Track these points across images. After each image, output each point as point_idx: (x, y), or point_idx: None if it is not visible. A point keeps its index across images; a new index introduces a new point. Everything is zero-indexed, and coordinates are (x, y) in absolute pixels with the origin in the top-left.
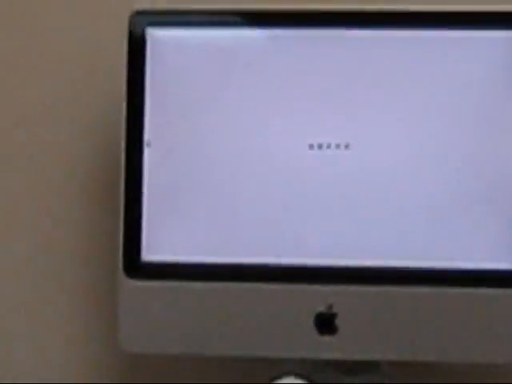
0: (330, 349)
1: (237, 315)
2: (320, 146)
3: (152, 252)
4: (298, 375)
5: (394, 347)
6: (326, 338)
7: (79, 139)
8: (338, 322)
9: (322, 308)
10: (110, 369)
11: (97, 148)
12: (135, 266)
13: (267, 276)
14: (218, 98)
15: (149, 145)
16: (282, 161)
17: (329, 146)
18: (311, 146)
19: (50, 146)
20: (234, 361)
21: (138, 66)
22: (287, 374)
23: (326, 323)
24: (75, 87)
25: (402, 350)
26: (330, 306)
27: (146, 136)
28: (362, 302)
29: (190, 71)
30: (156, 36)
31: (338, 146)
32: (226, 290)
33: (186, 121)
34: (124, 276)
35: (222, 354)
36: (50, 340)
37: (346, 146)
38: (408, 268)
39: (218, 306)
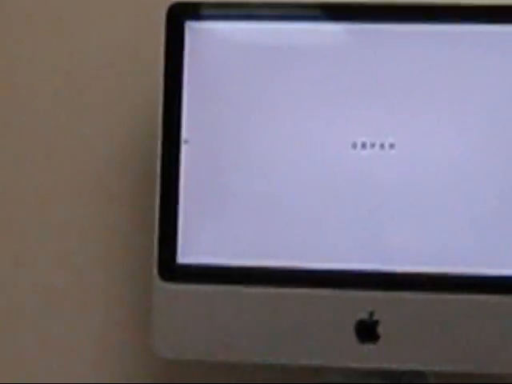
0: (371, 358)
1: (274, 321)
2: (364, 145)
3: (187, 254)
4: None
5: (438, 357)
6: (367, 347)
7: (115, 137)
8: (380, 329)
9: (363, 315)
10: (144, 375)
11: (133, 145)
12: (170, 269)
13: (305, 281)
14: (258, 94)
15: (186, 142)
16: (324, 160)
17: (373, 146)
18: (354, 145)
19: (85, 144)
20: (271, 369)
21: (176, 60)
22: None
23: (367, 331)
24: (111, 83)
25: (447, 359)
26: (372, 313)
27: (184, 133)
28: (404, 309)
29: (229, 66)
30: (195, 29)
31: (382, 145)
32: (264, 294)
33: (225, 118)
34: (159, 279)
35: (259, 361)
36: (85, 344)
37: (391, 146)
38: (452, 275)
39: (255, 311)
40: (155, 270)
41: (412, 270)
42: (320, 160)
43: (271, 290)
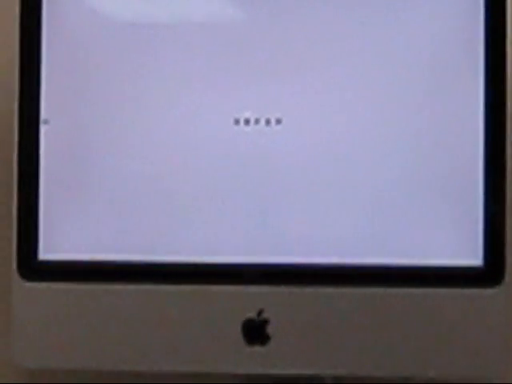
0: (260, 361)
1: (148, 322)
2: (247, 122)
3: (50, 250)
4: None
5: (335, 359)
6: (256, 349)
7: None
8: (270, 329)
9: (250, 313)
10: None
11: None
12: (31, 266)
13: (184, 277)
14: (128, 67)
15: (46, 122)
16: (203, 139)
17: (257, 122)
18: (237, 122)
19: None
20: (146, 378)
21: (32, 28)
22: None
23: (255, 331)
24: None
25: (346, 362)
26: (260, 312)
27: (43, 113)
28: (297, 305)
29: (95, 36)
30: None
31: (268, 121)
32: (136, 293)
33: (90, 95)
34: (18, 277)
35: (131, 368)
36: None
37: (278, 121)
38: (351, 265)
39: (127, 311)
40: (14, 268)
41: (305, 261)
42: (199, 139)
43: (144, 287)
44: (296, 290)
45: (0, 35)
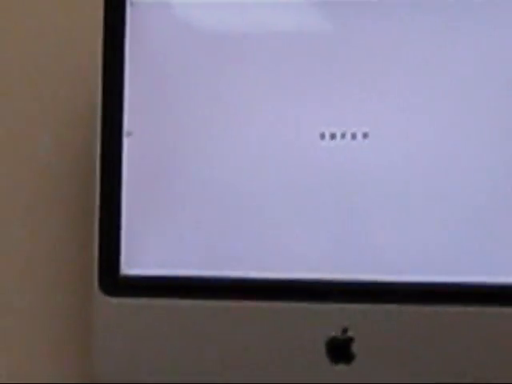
0: (345, 380)
1: (232, 339)
2: (333, 136)
3: (132, 265)
4: None
5: (422, 379)
6: (341, 368)
7: (46, 131)
8: (355, 348)
9: (335, 332)
10: None
11: (68, 139)
12: (113, 282)
13: (268, 293)
14: (211, 81)
15: (129, 135)
16: (288, 154)
17: (343, 136)
18: (322, 136)
19: (17, 138)
20: None
21: (116, 42)
22: None
23: (340, 350)
24: (44, 67)
25: (432, 382)
26: (345, 330)
27: (126, 125)
28: (382, 324)
29: (178, 49)
30: (137, 4)
31: (354, 135)
32: (221, 309)
33: (174, 107)
34: (100, 293)
35: (215, 382)
36: (21, 365)
37: (365, 136)
38: (438, 284)
39: (212, 327)
40: (96, 283)
41: (391, 279)
42: (284, 154)
43: (227, 304)
44: (381, 308)
45: (84, 47)
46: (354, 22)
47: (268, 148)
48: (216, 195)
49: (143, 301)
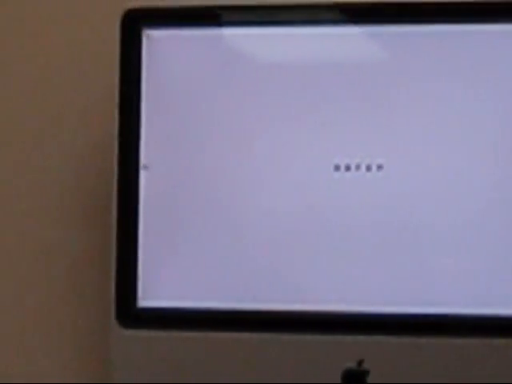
0: None
1: (248, 371)
2: (348, 168)
3: (149, 297)
4: None
5: None
6: None
7: (64, 162)
8: (371, 380)
9: (351, 363)
10: None
11: (85, 172)
12: (130, 314)
13: (284, 325)
14: (226, 112)
15: (146, 168)
16: (302, 186)
17: (358, 168)
18: (337, 168)
19: (36, 171)
20: None
21: (133, 75)
22: None
23: (355, 381)
24: (63, 98)
25: None
26: (361, 362)
27: (143, 158)
28: (398, 356)
29: (193, 80)
30: (153, 37)
31: (368, 167)
32: (236, 341)
33: (190, 140)
34: (117, 325)
35: None
36: None
37: (379, 167)
38: (454, 316)
39: (228, 359)
40: (113, 315)
41: (407, 310)
42: (298, 185)
43: (244, 336)
44: (397, 341)
45: (100, 80)
46: (366, 58)
47: (284, 179)
48: (231, 230)
49: (158, 333)
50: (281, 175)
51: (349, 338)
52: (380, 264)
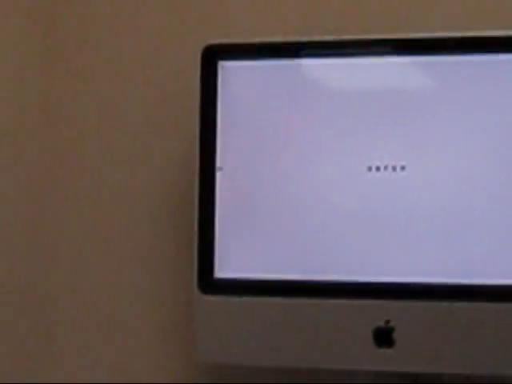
0: (387, 361)
1: (301, 329)
2: (378, 168)
3: (223, 270)
4: None
5: (449, 360)
6: (384, 351)
7: (155, 166)
8: (395, 335)
9: (379, 323)
10: (188, 380)
11: (172, 173)
12: (208, 283)
13: (330, 292)
14: (283, 125)
15: (220, 169)
16: (342, 182)
17: (386, 168)
18: (369, 169)
19: (132, 171)
20: (297, 373)
21: (210, 96)
22: None
23: (383, 337)
24: (150, 117)
25: (458, 362)
26: (388, 321)
27: (218, 161)
28: (417, 316)
29: (258, 100)
30: (227, 67)
31: (394, 168)
32: (292, 305)
33: (255, 147)
34: (198, 292)
35: (286, 365)
36: (132, 353)
37: (402, 168)
38: (459, 284)
39: (284, 320)
40: (195, 285)
41: (424, 280)
42: (342, 182)
43: (298, 301)
44: (416, 304)
45: (185, 101)
46: (403, 84)
47: (332, 178)
48: (293, 215)
49: (230, 298)
50: (330, 174)
51: (379, 303)
52: (410, 243)
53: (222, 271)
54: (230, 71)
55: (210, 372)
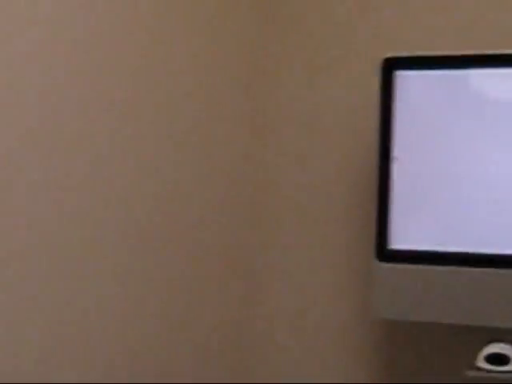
0: None
1: (462, 293)
2: None
3: (397, 242)
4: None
5: None
6: None
7: (343, 156)
8: None
9: None
10: (366, 333)
11: (356, 162)
12: (384, 253)
13: (486, 264)
14: (452, 126)
15: (396, 159)
16: (490, 177)
17: None
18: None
19: (321, 163)
20: (461, 327)
21: (389, 99)
22: (498, 340)
23: None
24: (342, 117)
25: None
26: None
27: (395, 152)
28: None
29: (430, 104)
30: (402, 76)
31: None
32: (455, 273)
33: (427, 142)
34: (376, 260)
35: (451, 321)
36: (317, 312)
37: None
38: None
39: (448, 285)
40: (373, 254)
41: None
42: (486, 176)
43: (460, 270)
44: None
45: (366, 106)
46: None
47: (480, 172)
48: (457, 197)
49: (402, 265)
50: (479, 169)
51: None
52: None
53: (394, 243)
54: (405, 79)
55: (384, 326)
